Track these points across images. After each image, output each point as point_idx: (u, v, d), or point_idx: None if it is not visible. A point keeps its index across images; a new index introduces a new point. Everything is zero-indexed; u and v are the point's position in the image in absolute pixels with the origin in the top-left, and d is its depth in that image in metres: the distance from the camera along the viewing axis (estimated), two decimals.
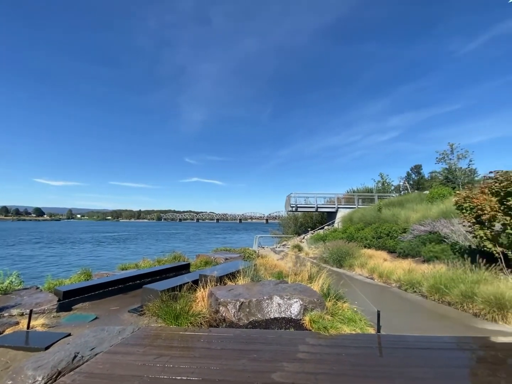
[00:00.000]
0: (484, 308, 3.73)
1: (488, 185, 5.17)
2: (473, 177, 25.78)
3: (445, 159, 18.43)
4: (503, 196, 4.94)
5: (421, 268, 6.07)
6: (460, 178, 17.77)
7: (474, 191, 5.48)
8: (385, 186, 27.31)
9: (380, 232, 11.03)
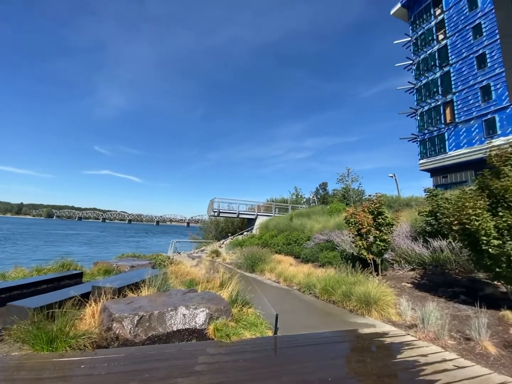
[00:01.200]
0: (357, 305, 4.62)
1: (367, 205, 6.55)
2: (362, 197, 31.93)
3: (343, 180, 22.27)
4: (376, 215, 6.34)
5: (316, 272, 7.03)
6: (352, 197, 21.79)
7: (358, 209, 6.83)
8: (298, 198, 30.72)
9: (290, 239, 12.25)
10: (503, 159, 4.12)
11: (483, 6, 20.05)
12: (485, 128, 19.18)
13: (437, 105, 22.89)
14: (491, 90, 19.10)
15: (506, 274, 3.76)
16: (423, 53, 24.71)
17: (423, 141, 23.74)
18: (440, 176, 22.35)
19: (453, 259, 5.80)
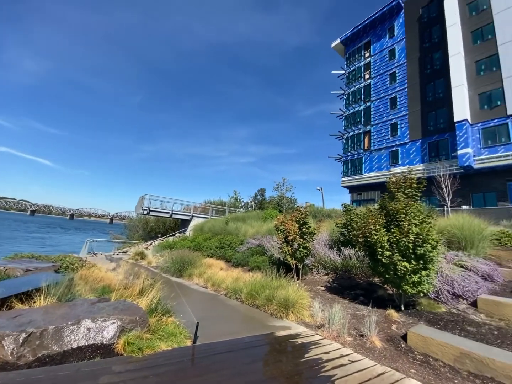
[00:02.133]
0: (277, 308, 4.92)
1: (295, 215, 7.13)
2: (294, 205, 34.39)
3: (278, 188, 23.68)
4: (301, 224, 6.96)
5: (245, 277, 7.20)
6: (285, 205, 23.37)
7: (288, 217, 7.36)
8: (237, 202, 31.12)
9: (224, 243, 12.23)
10: (398, 186, 5.12)
11: (399, 58, 24.71)
12: (391, 158, 23.50)
13: (359, 133, 26.87)
14: (398, 127, 23.58)
15: (392, 280, 4.63)
16: (353, 87, 28.75)
17: (346, 162, 27.44)
18: (356, 193, 26.18)
19: (357, 266, 6.82)
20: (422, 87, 22.18)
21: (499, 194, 17.08)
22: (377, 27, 27.24)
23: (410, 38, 23.94)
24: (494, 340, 3.69)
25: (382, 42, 26.54)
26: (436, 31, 21.99)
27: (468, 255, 6.29)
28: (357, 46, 29.23)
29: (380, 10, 26.17)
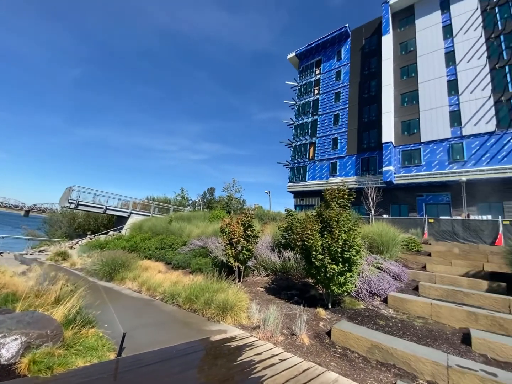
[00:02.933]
0: (215, 312, 4.87)
1: (241, 218, 7.22)
2: (243, 206, 34.79)
3: (228, 189, 23.65)
4: (246, 227, 7.08)
5: (185, 280, 6.94)
6: (234, 206, 23.47)
7: (234, 220, 7.39)
8: (184, 200, 29.82)
9: (165, 243, 11.55)
10: (332, 196, 5.69)
11: (343, 80, 27.45)
12: (331, 168, 25.91)
13: (305, 143, 28.87)
14: (338, 142, 26.16)
15: (322, 280, 5.09)
16: (303, 100, 30.76)
17: (293, 169, 29.13)
18: (299, 198, 28.00)
19: (295, 267, 7.29)
20: (360, 109, 25.18)
21: (410, 206, 20.56)
22: (328, 48, 29.85)
23: (354, 63, 26.96)
24: (398, 331, 4.39)
25: (331, 62, 29.18)
26: (374, 62, 25.29)
27: (384, 258, 7.37)
28: (310, 62, 31.46)
29: (331, 33, 28.75)
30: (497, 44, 18.71)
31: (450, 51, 20.75)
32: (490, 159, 17.31)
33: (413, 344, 3.81)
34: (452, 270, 7.64)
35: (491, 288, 6.11)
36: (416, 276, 7.07)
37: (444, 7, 21.91)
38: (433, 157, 19.69)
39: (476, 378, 2.97)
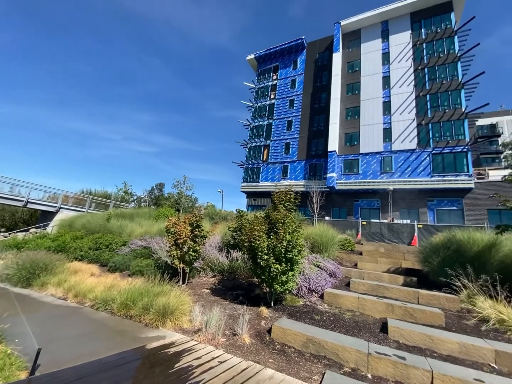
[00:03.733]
0: (154, 318, 4.58)
1: (188, 217, 6.97)
2: (194, 204, 33.66)
3: (178, 186, 22.61)
4: (194, 227, 6.86)
5: (122, 283, 6.35)
6: (184, 204, 22.56)
7: (181, 219, 7.08)
8: (127, 195, 27.36)
9: (101, 243, 10.40)
10: (280, 199, 5.94)
11: (298, 88, 28.93)
12: (282, 171, 27.05)
13: (260, 145, 29.53)
14: (290, 147, 27.47)
15: (266, 280, 5.26)
16: (260, 102, 31.40)
17: (247, 169, 29.48)
18: (252, 198, 28.49)
19: (242, 267, 7.37)
20: (311, 118, 26.93)
21: (348, 210, 22.87)
22: (285, 56, 31.12)
23: (308, 74, 28.70)
24: (330, 324, 4.81)
25: (287, 70, 30.49)
26: (325, 75, 27.35)
27: (323, 257, 8.01)
28: (268, 66, 32.30)
29: (289, 42, 30.04)
30: (422, 75, 22.22)
31: (386, 76, 23.80)
32: (411, 172, 20.46)
33: (342, 335, 4.23)
34: (378, 267, 8.76)
35: (405, 282, 7.20)
36: (348, 273, 7.88)
37: (384, 37, 25.04)
38: (368, 167, 22.29)
39: (389, 362, 3.45)
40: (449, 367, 3.42)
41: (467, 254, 6.57)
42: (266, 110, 30.22)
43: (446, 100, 20.62)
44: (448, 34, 21.91)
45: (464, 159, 18.90)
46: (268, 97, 30.63)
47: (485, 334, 4.45)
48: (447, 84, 20.85)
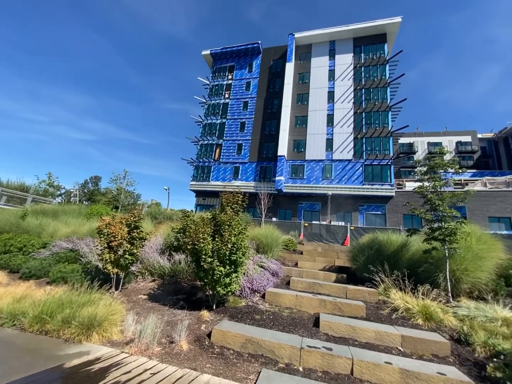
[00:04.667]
0: (76, 331, 4.03)
1: (125, 217, 6.38)
2: (136, 201, 31.03)
3: (117, 180, 20.52)
4: (132, 228, 6.32)
5: (38, 293, 5.42)
6: (124, 201, 20.58)
7: (116, 219, 6.42)
8: (51, 188, 23.51)
9: (11, 245, 8.68)
10: (227, 201, 5.94)
11: (252, 92, 29.39)
12: (234, 172, 27.12)
13: (212, 143, 29.02)
14: (242, 148, 27.73)
15: (209, 283, 5.19)
16: (214, 100, 30.87)
17: (197, 167, 28.61)
18: (201, 197, 27.76)
19: (185, 270, 7.11)
20: (263, 122, 27.71)
21: (293, 212, 24.31)
22: (241, 57, 31.32)
23: (262, 79, 29.46)
24: (269, 323, 5.02)
25: (242, 72, 30.73)
26: (278, 82, 28.51)
27: (267, 258, 8.32)
28: (223, 65, 31.98)
29: (245, 44, 30.34)
30: (360, 95, 25.11)
31: (331, 91, 26.15)
32: (347, 180, 22.91)
33: (279, 333, 4.46)
34: (315, 265, 9.53)
35: (337, 279, 8.01)
36: (290, 272, 8.36)
37: (331, 55, 27.47)
38: (312, 173, 24.11)
39: (318, 354, 3.77)
40: (366, 353, 3.94)
41: (386, 253, 7.68)
42: (220, 109, 29.88)
43: (377, 119, 23.79)
44: (381, 62, 25.32)
45: (388, 171, 22.10)
46: (223, 96, 30.35)
47: (395, 321, 5.27)
48: (378, 105, 24.08)
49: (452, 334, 4.83)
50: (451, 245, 6.19)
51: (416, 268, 6.88)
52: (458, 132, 41.95)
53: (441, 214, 6.48)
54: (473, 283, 6.31)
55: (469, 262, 6.30)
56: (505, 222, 18.73)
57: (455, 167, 6.64)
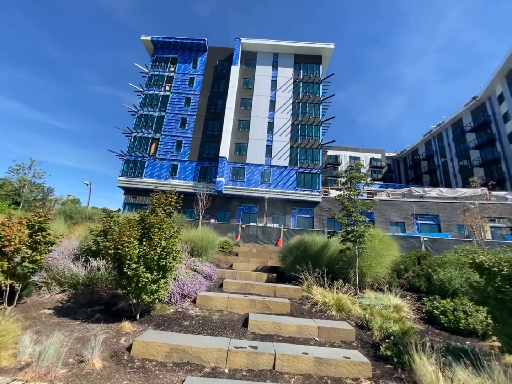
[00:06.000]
0: None
1: (27, 218, 5.28)
2: (46, 197, 26.00)
3: (20, 170, 16.85)
4: (36, 230, 5.27)
5: None
6: (28, 196, 16.96)
7: (14, 219, 5.25)
8: None
9: None
10: (159, 202, 5.58)
11: (195, 88, 28.46)
12: (171, 170, 25.67)
13: (148, 137, 26.82)
14: (182, 145, 26.54)
15: (133, 291, 4.76)
16: (152, 91, 28.65)
17: (129, 161, 25.93)
18: (132, 195, 25.24)
19: (105, 278, 6.33)
20: (206, 121, 27.18)
21: (232, 213, 24.56)
22: (186, 51, 30.04)
23: (207, 78, 28.89)
24: (198, 328, 4.92)
25: (186, 66, 29.50)
26: (223, 84, 28.46)
27: (201, 261, 8.16)
28: (165, 55, 30.02)
29: (191, 39, 29.25)
30: (297, 108, 27.28)
31: (273, 100, 27.63)
32: (283, 185, 24.54)
33: (208, 337, 4.43)
34: (249, 266, 9.84)
35: (268, 278, 8.45)
36: (223, 274, 8.40)
37: (274, 66, 29.05)
38: (252, 177, 24.90)
39: (244, 354, 3.90)
40: (287, 347, 4.28)
41: (310, 253, 8.53)
42: (159, 101, 27.90)
43: (311, 132, 26.32)
44: (316, 80, 28.17)
45: (317, 179, 24.65)
46: (163, 88, 28.44)
47: (314, 314, 5.90)
48: (312, 119, 26.68)
49: (357, 322, 5.69)
50: (360, 246, 7.32)
51: (334, 265, 7.86)
52: (372, 150, 50.08)
53: (354, 219, 7.60)
54: (375, 277, 7.59)
55: (372, 259, 7.56)
56: (401, 226, 23.27)
57: (366, 180, 7.92)
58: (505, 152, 29.91)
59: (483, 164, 32.13)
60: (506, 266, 3.86)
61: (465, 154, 35.17)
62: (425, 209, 23.47)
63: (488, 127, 32.33)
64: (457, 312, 5.59)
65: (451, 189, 26.57)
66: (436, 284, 7.15)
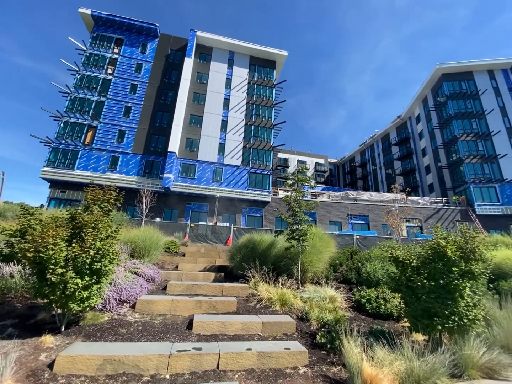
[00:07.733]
0: None
1: None
2: None
3: None
4: None
5: None
6: None
7: None
8: None
9: None
10: (95, 198, 5.00)
11: (143, 76, 26.28)
12: (111, 162, 23.16)
13: (83, 123, 23.66)
14: (125, 136, 24.22)
15: (58, 299, 4.15)
16: (91, 71, 25.38)
17: (57, 150, 22.45)
18: (59, 189, 21.89)
19: (21, 286, 5.36)
20: (154, 111, 25.35)
21: (180, 212, 23.52)
22: (133, 34, 27.47)
23: (156, 66, 26.97)
24: (137, 335, 4.58)
25: (133, 50, 26.99)
26: (175, 74, 26.98)
27: (143, 262, 7.60)
28: (109, 34, 26.91)
29: (140, 21, 26.87)
30: (251, 109, 27.69)
31: (227, 98, 27.45)
32: (235, 184, 24.63)
33: (147, 343, 4.16)
34: (196, 267, 9.59)
35: (216, 278, 8.39)
36: (168, 276, 7.99)
37: (230, 64, 28.89)
38: (203, 174, 24.29)
39: (188, 357, 3.80)
40: (232, 344, 4.34)
41: (258, 251, 8.79)
42: (99, 84, 24.85)
43: (263, 134, 27.07)
44: (270, 85, 29.10)
45: (268, 180, 25.51)
46: (104, 70, 25.43)
47: (259, 310, 6.11)
48: (265, 122, 27.47)
49: (298, 314, 6.11)
50: (303, 243, 7.88)
51: (279, 262, 8.27)
52: (317, 155, 54.29)
53: (299, 218, 8.14)
54: (315, 272, 8.27)
55: (313, 256, 8.23)
56: (338, 225, 25.84)
57: (310, 183, 8.56)
58: (419, 164, 36.09)
59: (403, 173, 38.13)
60: (415, 259, 4.69)
61: (390, 164, 41.15)
62: (358, 210, 26.59)
63: (408, 142, 38.51)
64: (378, 299, 6.51)
65: (378, 193, 30.71)
66: (364, 276, 8.19)
